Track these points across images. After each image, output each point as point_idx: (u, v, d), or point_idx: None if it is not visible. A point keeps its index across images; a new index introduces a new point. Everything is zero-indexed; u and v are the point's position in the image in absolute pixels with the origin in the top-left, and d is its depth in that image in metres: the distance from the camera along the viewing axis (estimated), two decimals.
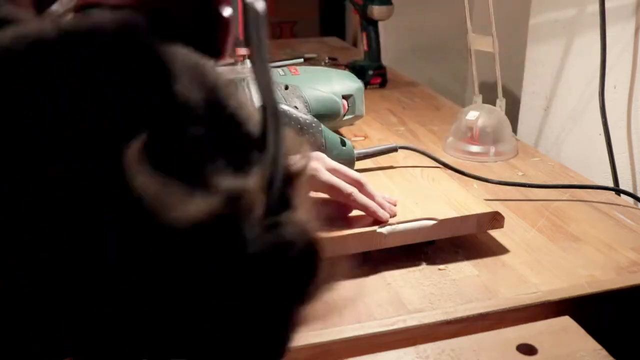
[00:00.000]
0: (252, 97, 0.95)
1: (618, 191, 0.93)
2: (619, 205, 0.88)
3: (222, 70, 0.32)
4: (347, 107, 1.02)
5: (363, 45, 1.46)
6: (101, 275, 0.28)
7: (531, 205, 0.88)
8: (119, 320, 0.29)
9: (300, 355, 0.60)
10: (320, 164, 0.74)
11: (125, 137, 0.28)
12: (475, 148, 1.04)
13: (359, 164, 0.89)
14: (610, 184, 0.99)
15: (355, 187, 0.73)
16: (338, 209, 0.74)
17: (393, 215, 0.74)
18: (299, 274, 0.31)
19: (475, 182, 0.93)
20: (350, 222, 0.73)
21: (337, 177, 0.73)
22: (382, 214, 0.72)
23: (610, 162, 0.99)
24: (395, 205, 0.75)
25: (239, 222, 0.29)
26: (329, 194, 0.73)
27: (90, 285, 0.28)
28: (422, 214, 0.74)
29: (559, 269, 0.72)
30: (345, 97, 1.01)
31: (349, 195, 0.72)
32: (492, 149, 1.04)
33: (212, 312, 0.30)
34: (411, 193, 0.81)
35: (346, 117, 1.03)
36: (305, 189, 0.78)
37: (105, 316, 0.29)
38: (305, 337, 0.62)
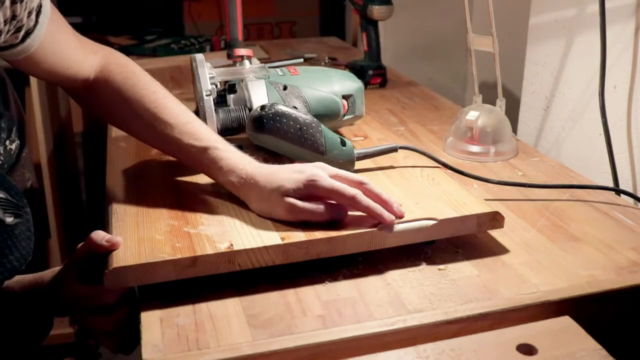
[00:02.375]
0: (251, 97, 0.95)
1: (618, 191, 0.93)
2: (619, 205, 0.88)
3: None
4: (347, 107, 1.02)
5: (363, 45, 1.46)
6: None
7: (531, 205, 0.88)
8: None
9: (300, 355, 0.60)
10: (322, 171, 0.74)
11: None
12: (475, 148, 1.04)
13: (359, 164, 0.89)
14: (610, 184, 0.99)
15: (359, 189, 0.73)
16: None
17: (400, 217, 0.73)
18: None
19: (475, 182, 0.93)
20: (352, 223, 0.73)
21: (340, 182, 0.73)
22: (387, 216, 0.71)
23: (610, 162, 0.99)
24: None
25: None
26: (333, 199, 0.73)
27: None
28: (422, 214, 0.74)
29: (559, 269, 0.72)
30: (345, 97, 1.01)
31: (353, 197, 0.72)
32: (492, 149, 1.04)
33: None
34: (411, 193, 0.81)
35: (346, 117, 1.02)
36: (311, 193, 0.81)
37: None
38: (305, 337, 0.62)
